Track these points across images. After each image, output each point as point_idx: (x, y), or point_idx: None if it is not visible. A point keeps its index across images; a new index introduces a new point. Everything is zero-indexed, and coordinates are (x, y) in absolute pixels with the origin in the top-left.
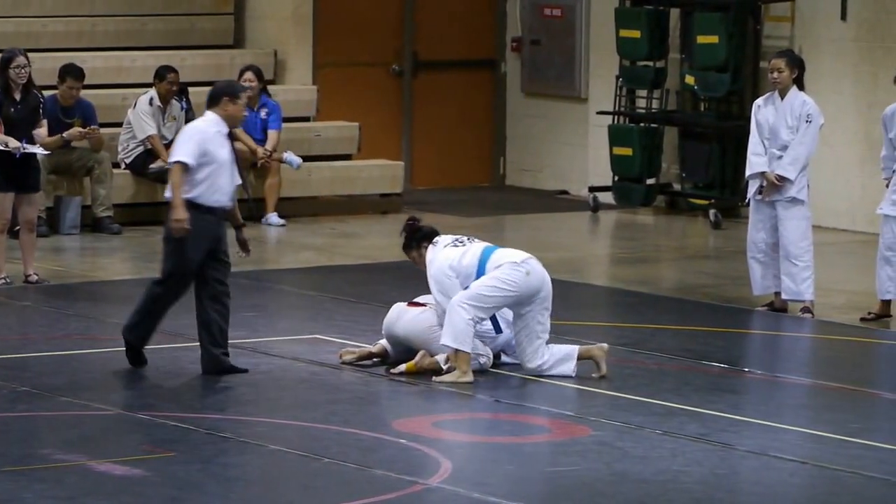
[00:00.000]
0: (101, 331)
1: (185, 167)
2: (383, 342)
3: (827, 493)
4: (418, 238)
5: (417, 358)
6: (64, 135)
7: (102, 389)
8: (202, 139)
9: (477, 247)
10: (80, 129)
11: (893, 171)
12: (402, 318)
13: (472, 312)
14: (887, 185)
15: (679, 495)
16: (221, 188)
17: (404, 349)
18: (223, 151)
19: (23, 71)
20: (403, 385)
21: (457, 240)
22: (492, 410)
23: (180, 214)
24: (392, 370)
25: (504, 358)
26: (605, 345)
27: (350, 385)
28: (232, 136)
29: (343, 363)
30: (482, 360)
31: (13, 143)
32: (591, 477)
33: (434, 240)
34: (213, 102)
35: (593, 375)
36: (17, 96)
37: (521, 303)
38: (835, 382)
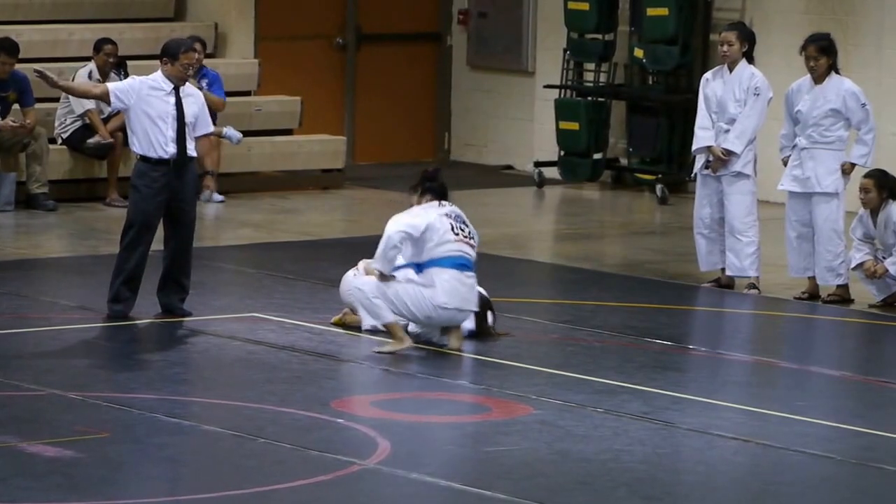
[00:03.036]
0: (34, 309)
1: (106, 93)
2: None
3: (771, 471)
4: (429, 188)
5: (341, 314)
6: None
7: (34, 369)
8: (135, 87)
9: (454, 247)
10: (12, 123)
11: (793, 147)
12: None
13: (372, 291)
14: (784, 164)
15: (621, 474)
16: (164, 141)
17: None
18: (160, 105)
19: None
20: (342, 364)
21: (460, 221)
22: (431, 390)
23: (62, 82)
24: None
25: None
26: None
27: (287, 364)
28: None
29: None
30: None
31: None
32: (532, 456)
33: (442, 202)
34: (160, 62)
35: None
36: None
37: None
38: (779, 360)
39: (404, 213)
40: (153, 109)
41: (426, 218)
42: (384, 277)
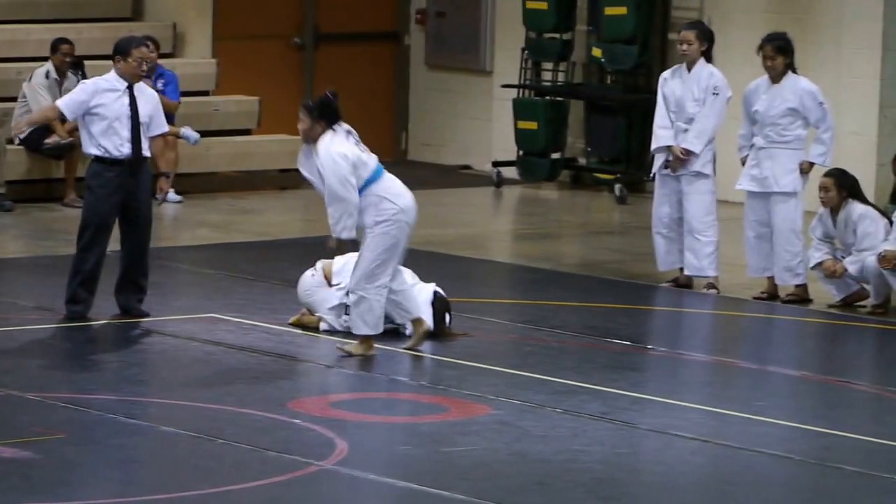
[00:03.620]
0: None
1: (59, 113)
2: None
3: (730, 471)
4: (327, 114)
5: (298, 315)
6: None
7: None
8: (89, 93)
9: (371, 161)
10: None
11: (751, 147)
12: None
13: (373, 293)
14: (743, 163)
15: (580, 475)
16: (119, 141)
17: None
18: (114, 105)
19: None
20: (300, 365)
21: (354, 136)
22: (389, 390)
23: (25, 124)
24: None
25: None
26: (429, 327)
27: (245, 365)
28: (132, 89)
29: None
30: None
31: None
32: (490, 457)
33: (335, 127)
34: (113, 60)
35: (404, 347)
36: None
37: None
38: (738, 360)
39: (334, 163)
40: (107, 110)
41: (349, 152)
42: (342, 246)
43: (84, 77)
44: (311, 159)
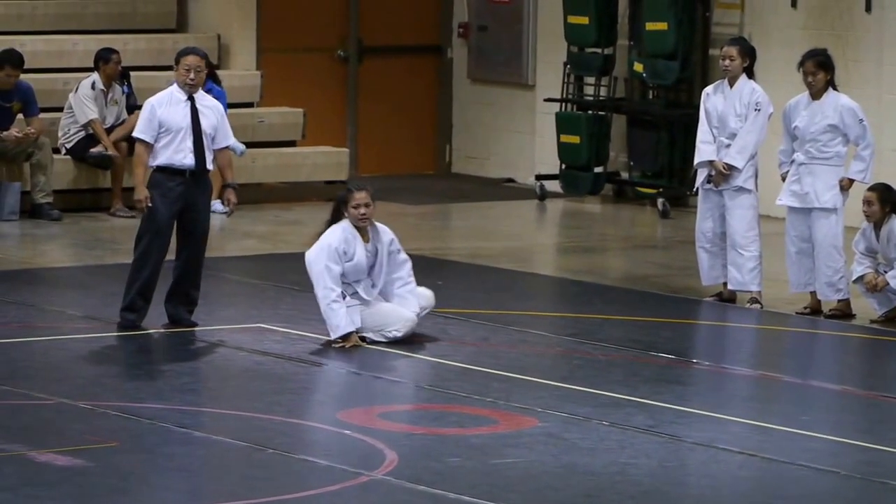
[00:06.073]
0: (41, 319)
1: (144, 144)
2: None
3: (775, 485)
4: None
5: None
6: (2, 135)
7: (43, 378)
8: (153, 112)
9: None
10: (17, 133)
11: (792, 162)
12: None
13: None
14: (783, 179)
15: (627, 487)
16: (184, 150)
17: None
18: (176, 116)
19: None
20: (348, 376)
21: None
22: (438, 401)
23: (139, 193)
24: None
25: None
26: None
27: (294, 375)
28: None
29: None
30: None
31: None
32: (538, 469)
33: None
34: None
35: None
36: None
37: None
38: (782, 374)
39: None
40: (171, 121)
41: None
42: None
43: (130, 88)
44: None
